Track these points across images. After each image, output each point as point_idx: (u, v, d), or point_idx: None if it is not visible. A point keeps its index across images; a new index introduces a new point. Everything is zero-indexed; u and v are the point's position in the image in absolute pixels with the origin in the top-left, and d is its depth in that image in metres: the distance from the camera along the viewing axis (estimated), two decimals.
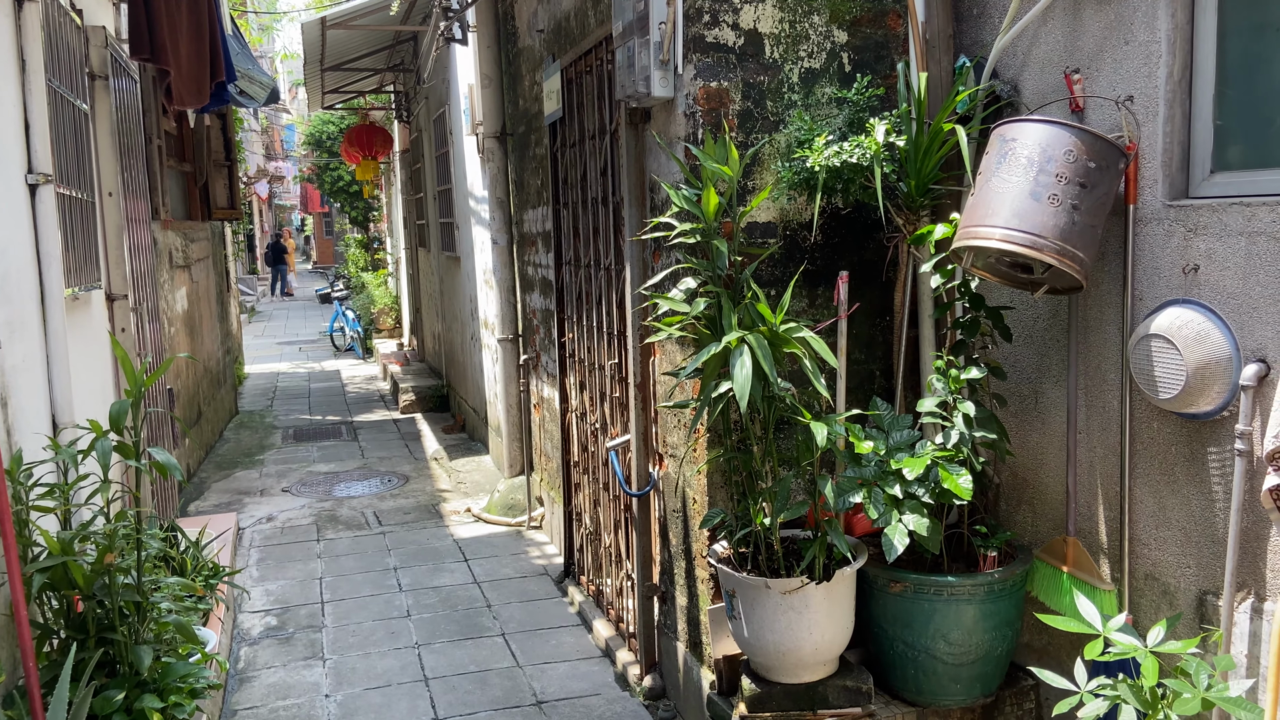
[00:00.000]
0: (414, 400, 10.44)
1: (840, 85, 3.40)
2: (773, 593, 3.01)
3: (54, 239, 3.61)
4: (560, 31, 4.97)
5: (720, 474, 3.40)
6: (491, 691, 4.14)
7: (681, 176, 3.37)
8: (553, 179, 5.24)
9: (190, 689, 2.90)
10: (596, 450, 4.75)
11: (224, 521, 5.93)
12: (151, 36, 3.81)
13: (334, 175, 20.35)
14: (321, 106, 12.98)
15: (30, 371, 3.37)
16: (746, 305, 3.06)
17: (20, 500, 2.82)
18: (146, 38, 3.82)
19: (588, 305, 4.77)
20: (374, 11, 8.14)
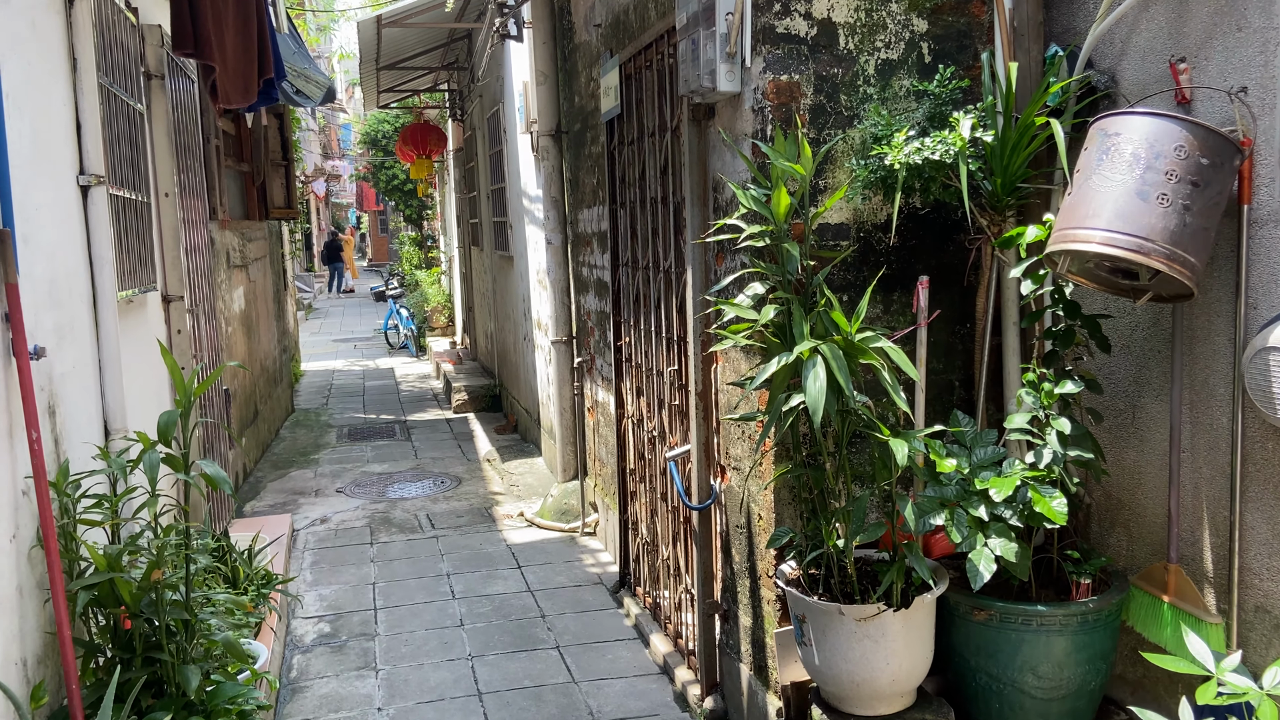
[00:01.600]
0: (466, 400, 10.39)
1: (920, 77, 3.20)
2: (847, 619, 2.82)
3: (106, 241, 3.54)
4: (618, 26, 4.82)
5: (788, 490, 3.22)
6: (547, 709, 4.00)
7: (748, 175, 3.20)
8: (609, 178, 5.09)
9: (239, 711, 2.80)
10: (654, 458, 4.60)
11: (279, 523, 5.89)
12: (195, 30, 3.72)
13: (389, 174, 20.47)
14: (377, 105, 13.00)
15: (81, 378, 3.31)
16: (819, 312, 2.88)
17: (68, 513, 2.74)
18: (190, 31, 3.73)
19: (645, 308, 4.61)
20: (429, 9, 8.07)
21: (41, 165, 3.04)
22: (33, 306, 2.82)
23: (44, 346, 2.83)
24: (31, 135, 2.96)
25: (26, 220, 2.85)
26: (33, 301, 2.83)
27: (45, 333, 2.93)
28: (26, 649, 2.63)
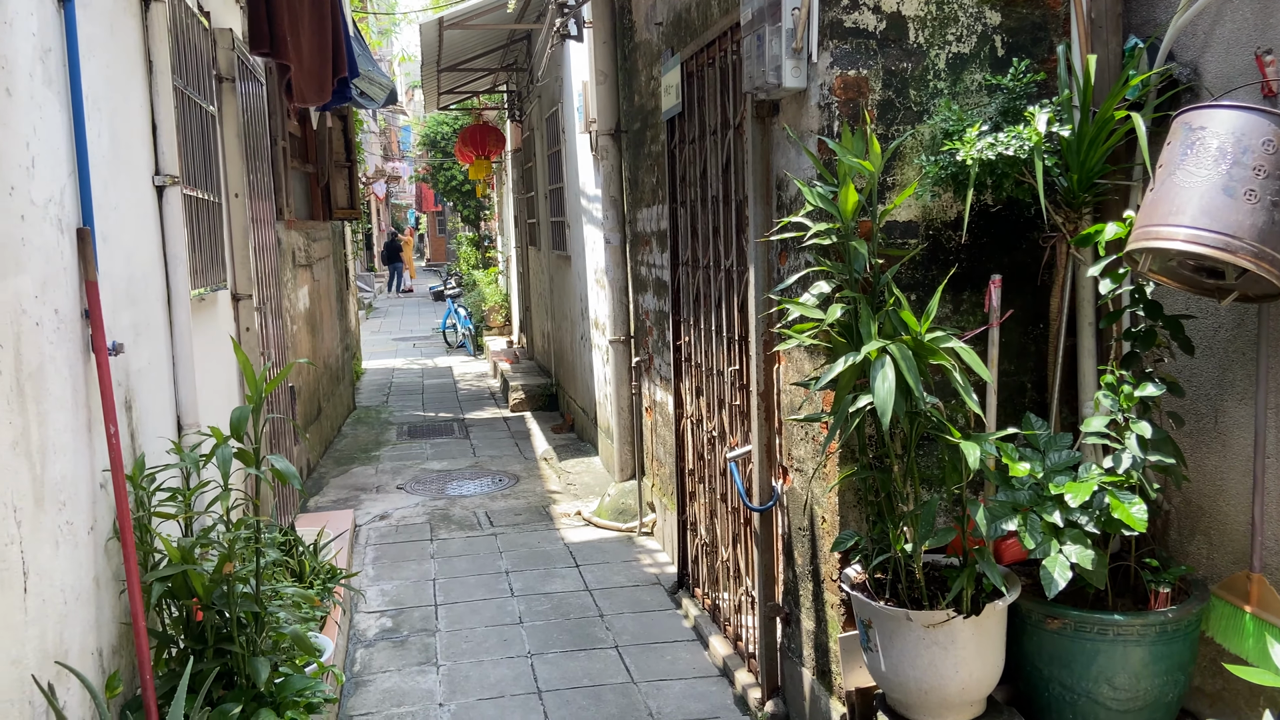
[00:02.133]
0: (523, 399, 10.45)
1: (992, 71, 3.12)
2: (915, 625, 2.77)
3: (180, 240, 3.62)
4: (680, 23, 4.80)
5: (853, 493, 3.17)
6: (606, 708, 4.00)
7: (814, 173, 3.15)
8: (669, 177, 5.07)
9: (306, 703, 2.84)
10: (713, 459, 4.56)
11: (342, 519, 5.97)
12: (272, 30, 3.78)
13: (448, 175, 20.68)
14: (437, 107, 13.15)
15: (155, 373, 3.38)
16: (887, 312, 2.83)
17: (143, 506, 2.80)
18: (267, 32, 3.79)
19: (705, 308, 4.58)
20: (490, 10, 8.13)
21: (119, 166, 3.12)
22: (111, 304, 2.89)
23: (121, 343, 2.89)
24: (110, 136, 3.03)
25: (105, 219, 2.92)
26: (111, 299, 2.90)
27: (122, 329, 3.00)
28: (103, 639, 2.69)
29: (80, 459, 2.60)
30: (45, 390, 2.38)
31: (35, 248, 2.38)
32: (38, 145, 2.43)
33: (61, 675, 2.37)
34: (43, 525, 2.32)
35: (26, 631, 2.20)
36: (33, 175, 2.39)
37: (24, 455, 2.23)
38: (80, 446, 2.61)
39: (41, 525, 2.31)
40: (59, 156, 2.58)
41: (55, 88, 2.58)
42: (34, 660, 2.23)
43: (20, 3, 2.38)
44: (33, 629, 2.23)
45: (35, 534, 2.27)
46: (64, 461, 2.48)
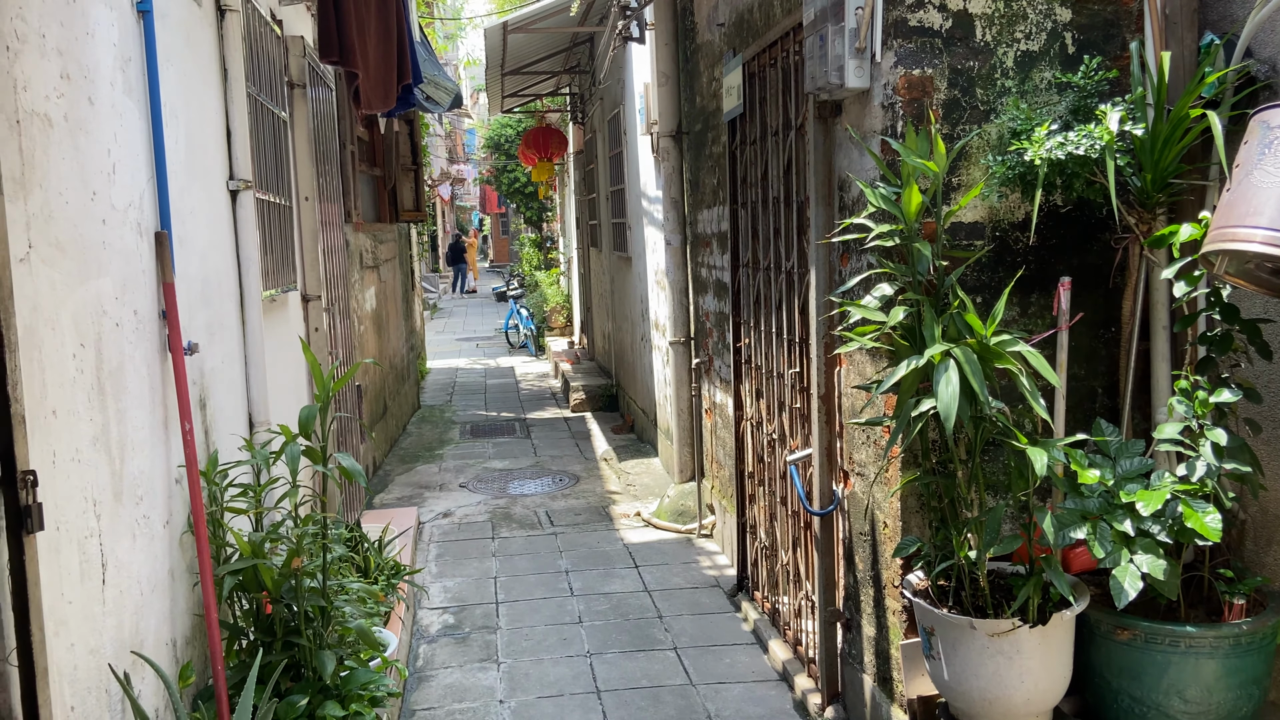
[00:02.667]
0: (584, 399, 10.50)
1: (1062, 69, 3.06)
2: (979, 634, 2.72)
3: (253, 243, 3.72)
4: (742, 24, 4.78)
5: (915, 498, 3.13)
6: (665, 710, 4.00)
7: (876, 173, 3.12)
8: (730, 178, 5.06)
9: (371, 697, 2.89)
10: (773, 462, 4.54)
11: (406, 516, 6.07)
12: (340, 39, 3.87)
13: (511, 177, 20.89)
14: (501, 110, 13.29)
15: (228, 372, 3.48)
16: (952, 314, 2.78)
17: (216, 501, 2.89)
18: (335, 40, 3.88)
19: (765, 310, 4.56)
20: (553, 14, 8.20)
21: (195, 171, 3.21)
22: (187, 305, 2.98)
23: (196, 343, 2.98)
24: (186, 142, 3.13)
25: (181, 223, 3.01)
26: (187, 300, 3.00)
27: (197, 330, 3.10)
28: (177, 630, 2.78)
29: (157, 455, 2.69)
30: (124, 388, 2.46)
31: (116, 251, 2.46)
32: (118, 152, 2.52)
33: (137, 665, 2.45)
34: (121, 519, 2.41)
35: (104, 622, 2.28)
36: (113, 181, 2.47)
37: (104, 451, 2.32)
38: (157, 443, 2.70)
39: (120, 519, 2.40)
40: (138, 163, 2.67)
41: (135, 96, 2.68)
42: (111, 650, 2.31)
43: (102, 14, 2.47)
44: (110, 619, 2.31)
45: (114, 527, 2.36)
46: (141, 457, 2.56)
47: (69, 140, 2.22)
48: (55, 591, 2.01)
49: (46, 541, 1.98)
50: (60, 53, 2.20)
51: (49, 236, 2.09)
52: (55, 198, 2.13)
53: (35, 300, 2.01)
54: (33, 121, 2.04)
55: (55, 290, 2.11)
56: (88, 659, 2.18)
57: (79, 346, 2.21)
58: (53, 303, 2.09)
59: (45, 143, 2.10)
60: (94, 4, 2.42)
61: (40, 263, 2.04)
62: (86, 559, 2.19)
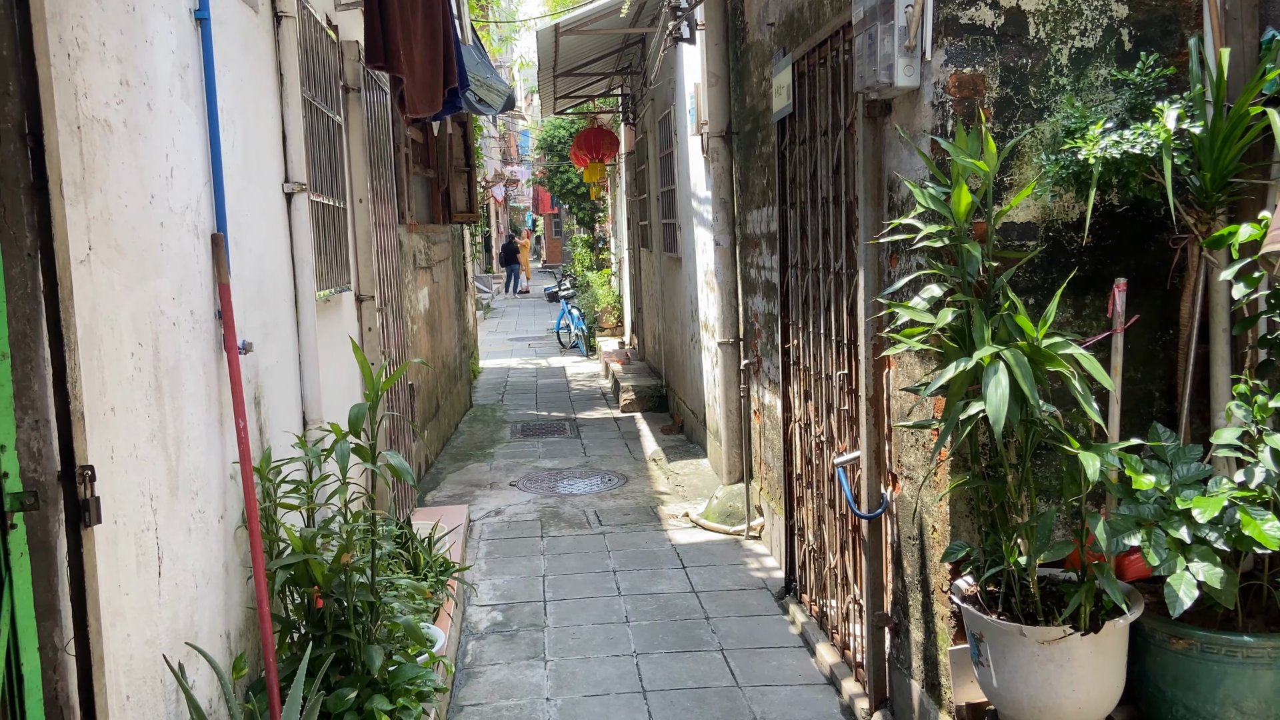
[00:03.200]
0: (634, 399, 10.53)
1: (1119, 66, 2.99)
2: (1029, 641, 2.68)
3: (307, 244, 3.79)
4: (792, 23, 4.76)
5: (965, 502, 3.09)
6: (710, 711, 4.00)
7: (926, 173, 3.08)
8: (779, 178, 5.03)
9: (418, 692, 2.93)
10: (821, 464, 4.51)
11: (457, 514, 6.14)
12: (386, 45, 3.94)
13: (563, 178, 21.01)
14: (553, 111, 13.37)
15: (282, 371, 3.55)
16: (1002, 316, 2.74)
17: (269, 498, 2.95)
18: (381, 46, 3.95)
19: (814, 311, 4.53)
20: (605, 16, 8.23)
21: (250, 174, 3.29)
22: (242, 305, 3.05)
23: (251, 342, 3.05)
24: (242, 146, 3.20)
25: (237, 225, 3.08)
26: (242, 300, 3.07)
27: (252, 329, 3.17)
28: (230, 622, 2.85)
29: (212, 451, 2.76)
30: (181, 386, 2.53)
31: (173, 253, 2.53)
32: (176, 156, 2.59)
33: (191, 656, 2.51)
34: (176, 513, 2.47)
35: (160, 613, 2.34)
36: (171, 185, 2.54)
37: (160, 447, 2.38)
38: (212, 439, 2.76)
39: (175, 513, 2.46)
40: (195, 166, 2.74)
41: (192, 102, 2.75)
42: (166, 641, 2.37)
43: (160, 22, 2.54)
44: (165, 611, 2.38)
45: (170, 521, 2.42)
46: (197, 453, 2.63)
47: (128, 145, 2.29)
48: (112, 583, 2.08)
49: (104, 535, 2.04)
50: (120, 60, 2.27)
51: (108, 239, 2.16)
52: (114, 201, 2.20)
53: (95, 300, 2.07)
54: (93, 127, 2.11)
55: (114, 291, 2.17)
56: (143, 649, 2.24)
57: (137, 345, 2.28)
58: (112, 303, 2.16)
59: (105, 148, 2.16)
60: (153, 12, 2.49)
61: (100, 264, 2.11)
62: (143, 552, 2.25)
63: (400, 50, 3.93)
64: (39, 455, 1.88)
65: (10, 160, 1.84)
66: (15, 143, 1.85)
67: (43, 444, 1.88)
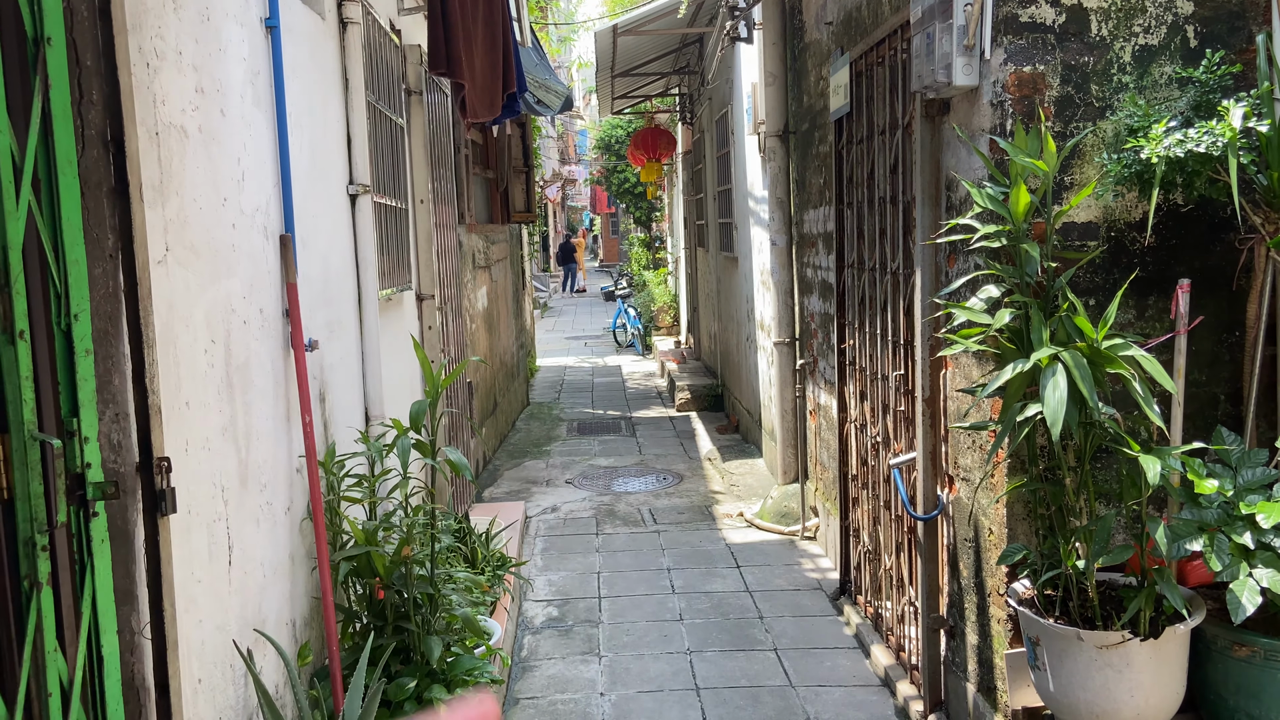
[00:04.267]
0: (689, 399, 10.54)
1: (1183, 63, 2.94)
2: (1086, 646, 2.65)
3: (371, 245, 3.89)
4: (850, 22, 4.74)
5: (1022, 505, 3.06)
6: (764, 710, 4.01)
7: (984, 173, 3.06)
8: (836, 178, 5.01)
9: (475, 683, 3.00)
10: (877, 465, 4.49)
11: (513, 510, 6.23)
12: (448, 52, 4.02)
13: (620, 177, 21.11)
14: (611, 111, 13.46)
15: (346, 368, 3.65)
16: (1061, 318, 2.71)
17: (333, 491, 3.04)
18: (444, 53, 4.04)
19: (870, 311, 4.51)
20: (662, 16, 8.26)
21: (316, 176, 3.38)
22: (308, 304, 3.15)
23: (317, 340, 3.15)
24: (309, 149, 3.30)
25: (304, 226, 3.18)
26: (308, 299, 3.16)
27: (318, 327, 3.26)
28: (295, 611, 2.94)
29: (279, 445, 2.85)
30: (250, 382, 2.62)
31: (244, 253, 2.62)
32: (247, 160, 2.68)
33: (259, 643, 2.60)
34: (246, 505, 2.56)
35: (230, 601, 2.43)
36: (242, 188, 2.64)
37: (231, 440, 2.47)
38: (279, 434, 2.86)
39: (245, 504, 2.56)
40: (265, 170, 2.84)
41: (262, 107, 2.84)
42: (235, 627, 2.46)
43: (233, 31, 2.63)
44: (235, 599, 2.47)
45: (239, 512, 2.51)
46: (265, 447, 2.72)
47: (203, 150, 2.38)
48: (186, 570, 2.17)
49: (179, 524, 2.13)
50: (195, 68, 2.36)
51: (184, 240, 2.25)
52: (190, 204, 2.29)
53: (171, 299, 2.16)
54: (170, 133, 2.20)
55: (189, 290, 2.27)
56: (214, 635, 2.33)
57: (210, 343, 2.37)
58: (187, 302, 2.25)
59: (181, 153, 2.25)
60: (226, 21, 2.58)
61: (176, 264, 2.20)
62: (214, 541, 2.35)
63: (461, 57, 4.02)
64: (119, 447, 1.97)
65: (94, 165, 1.93)
66: (99, 149, 1.95)
67: (122, 436, 1.97)
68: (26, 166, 1.73)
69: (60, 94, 1.82)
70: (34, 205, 1.76)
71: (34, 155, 1.75)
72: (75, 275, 1.83)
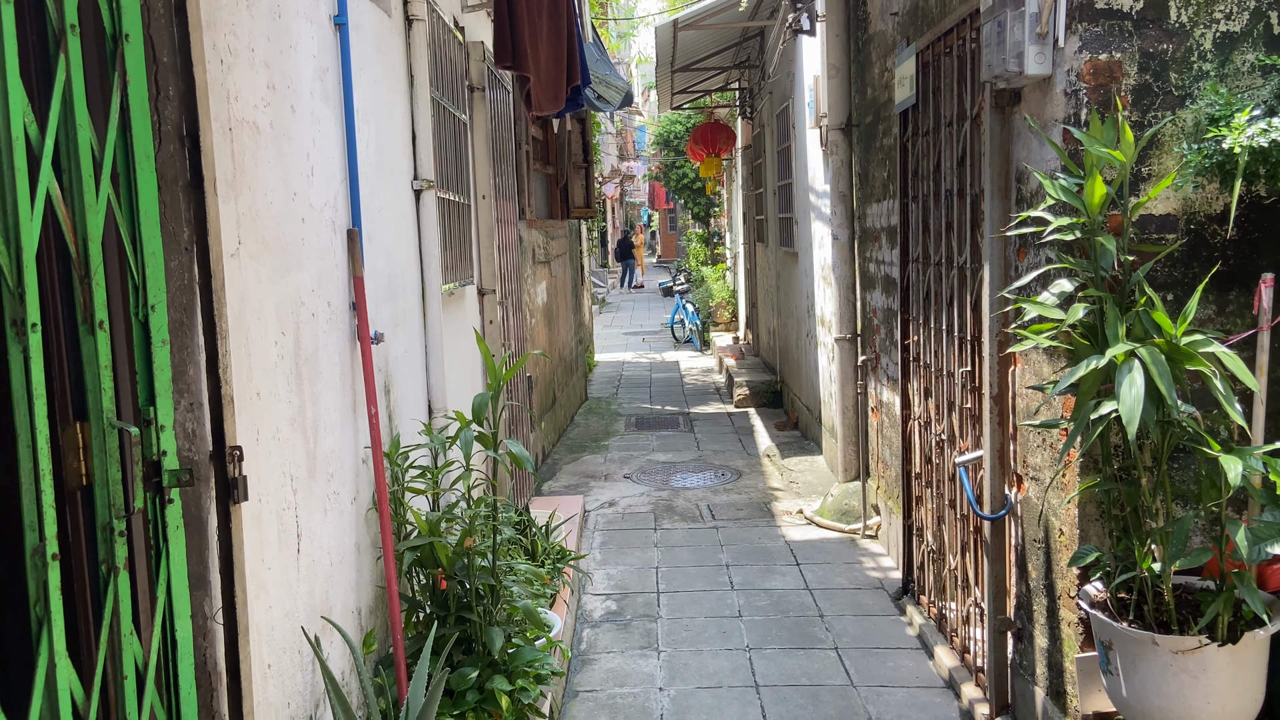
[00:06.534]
0: (747, 395, 10.49)
1: (1267, 50, 2.83)
2: (1161, 650, 2.57)
3: (434, 239, 3.93)
4: (916, 12, 4.66)
5: (1094, 505, 2.98)
6: (824, 709, 3.97)
7: (1056, 165, 2.98)
8: (900, 171, 4.93)
9: (536, 674, 3.01)
10: (942, 463, 4.41)
11: (572, 504, 6.26)
12: (514, 45, 4.05)
13: (679, 173, 21.05)
14: (670, 107, 13.42)
15: (410, 361, 3.70)
16: (1138, 313, 2.63)
17: (397, 481, 3.08)
18: (510, 46, 4.07)
19: (936, 306, 4.43)
20: (723, 10, 8.22)
21: (382, 172, 3.43)
22: (374, 297, 3.19)
23: (382, 333, 3.19)
24: (376, 145, 3.34)
25: (370, 221, 3.22)
26: (374, 293, 3.20)
27: (383, 321, 3.31)
28: (361, 600, 2.99)
29: (346, 436, 2.89)
30: (318, 373, 2.67)
31: (313, 247, 2.67)
32: (316, 156, 2.72)
33: (325, 630, 2.65)
34: (314, 494, 2.61)
35: (298, 588, 2.48)
36: (311, 183, 2.68)
37: (300, 430, 2.52)
38: (346, 425, 2.90)
39: (313, 494, 2.60)
40: (333, 165, 2.88)
41: (331, 103, 2.88)
42: (303, 614, 2.51)
43: (303, 28, 2.67)
44: (303, 586, 2.51)
45: (308, 501, 2.56)
46: (332, 438, 2.77)
47: (273, 146, 2.42)
48: (256, 558, 2.21)
49: (250, 512, 2.17)
50: (267, 65, 2.40)
51: (255, 234, 2.29)
52: (261, 198, 2.33)
53: (243, 292, 2.20)
54: (243, 129, 2.24)
55: (260, 283, 2.31)
56: (283, 621, 2.37)
57: (280, 334, 2.41)
58: (258, 294, 2.29)
59: (254, 148, 2.30)
60: (296, 19, 2.62)
61: (248, 258, 2.24)
62: (284, 529, 2.39)
63: (527, 50, 4.05)
64: (193, 435, 2.02)
65: (170, 160, 1.98)
66: (175, 144, 1.99)
67: (196, 425, 2.02)
68: (106, 161, 1.77)
69: (138, 90, 1.86)
70: (113, 199, 1.81)
71: (113, 150, 1.80)
72: (152, 267, 1.87)
